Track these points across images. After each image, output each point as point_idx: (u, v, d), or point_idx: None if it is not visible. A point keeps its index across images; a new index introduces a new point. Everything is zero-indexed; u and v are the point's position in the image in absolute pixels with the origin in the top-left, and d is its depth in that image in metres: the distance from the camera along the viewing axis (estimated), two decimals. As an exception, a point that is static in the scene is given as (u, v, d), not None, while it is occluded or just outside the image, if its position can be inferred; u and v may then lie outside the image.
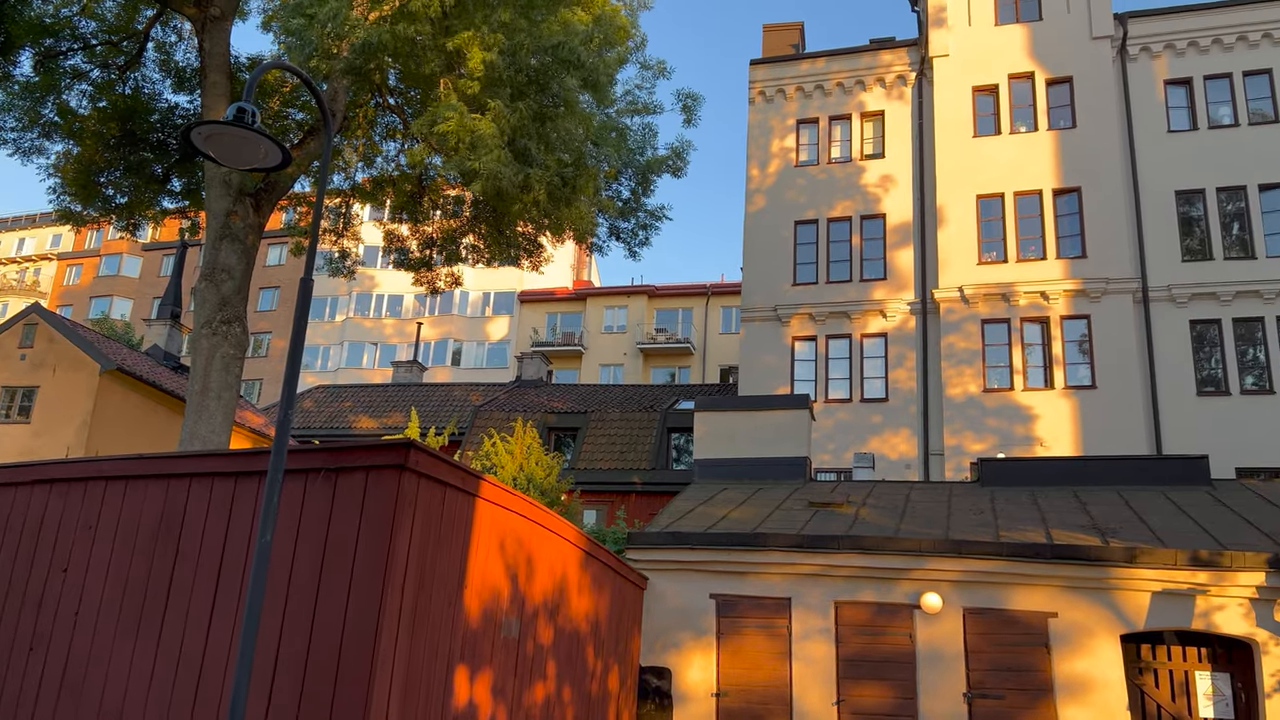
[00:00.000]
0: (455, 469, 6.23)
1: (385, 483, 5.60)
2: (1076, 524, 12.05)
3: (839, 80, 27.64)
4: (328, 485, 5.76)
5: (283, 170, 7.16)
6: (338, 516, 5.65)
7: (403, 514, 5.58)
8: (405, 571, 5.60)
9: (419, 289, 21.00)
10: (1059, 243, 24.19)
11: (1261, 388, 22.40)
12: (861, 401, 25.02)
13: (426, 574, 5.89)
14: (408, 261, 20.18)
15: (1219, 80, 24.77)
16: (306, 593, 5.57)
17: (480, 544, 6.73)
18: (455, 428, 25.40)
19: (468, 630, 6.49)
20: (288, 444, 5.75)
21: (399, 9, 13.21)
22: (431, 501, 5.97)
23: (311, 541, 5.67)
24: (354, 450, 5.80)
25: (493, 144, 13.40)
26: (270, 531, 5.39)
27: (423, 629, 5.83)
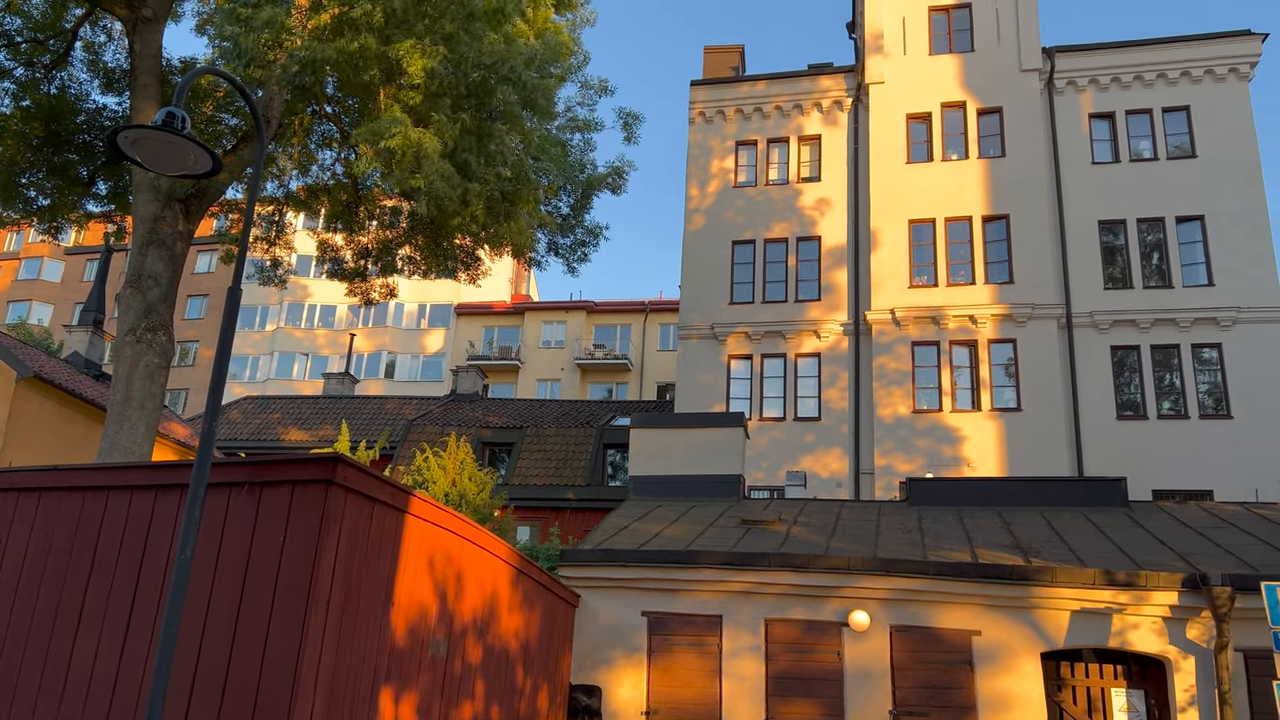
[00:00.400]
0: (384, 484, 6.14)
1: (311, 498, 5.50)
2: (1001, 544, 12.33)
3: (778, 104, 28.06)
4: (252, 500, 5.64)
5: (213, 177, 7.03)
6: (261, 532, 5.53)
7: (329, 530, 5.48)
8: (330, 589, 5.50)
9: (353, 300, 20.70)
10: (987, 268, 24.83)
11: (1177, 412, 23.21)
12: (795, 420, 25.32)
13: (353, 592, 5.79)
14: (342, 272, 19.88)
15: (1140, 115, 25.73)
16: (227, 611, 5.43)
17: (409, 561, 6.64)
18: (387, 441, 25.03)
19: (394, 649, 6.39)
20: (212, 456, 5.61)
21: (339, 17, 13.05)
22: (359, 518, 5.87)
23: (233, 558, 5.54)
24: (280, 464, 5.69)
25: (436, 160, 13.31)
26: (190, 547, 5.26)
27: (348, 648, 5.72)
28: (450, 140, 13.78)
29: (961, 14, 27.07)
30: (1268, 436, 22.22)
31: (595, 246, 20.06)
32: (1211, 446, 22.48)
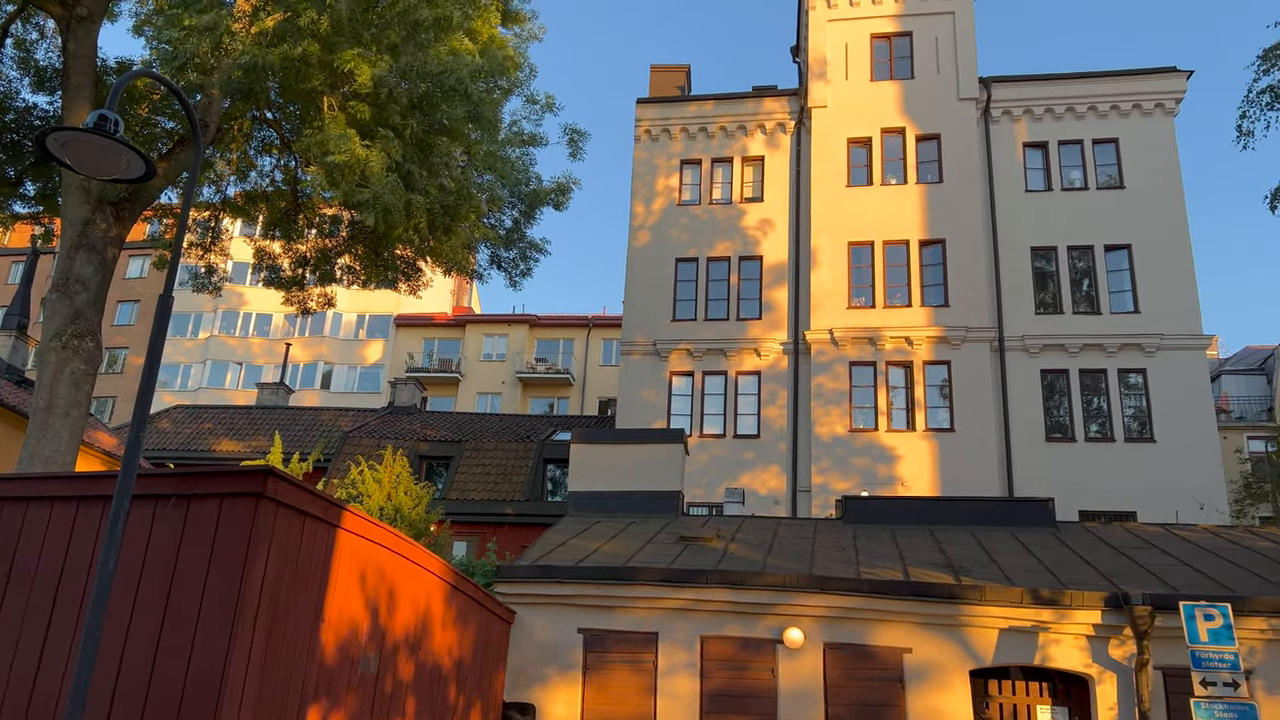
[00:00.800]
0: (317, 498, 6.05)
1: (240, 511, 5.39)
2: (933, 562, 12.53)
3: (723, 124, 28.35)
4: (178, 512, 5.50)
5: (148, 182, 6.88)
6: (188, 546, 5.40)
7: (258, 545, 5.37)
8: (258, 605, 5.39)
9: (289, 309, 20.36)
10: (924, 291, 25.33)
11: (1104, 435, 23.88)
12: (735, 437, 25.50)
13: (281, 608, 5.68)
14: (279, 280, 19.54)
15: (1071, 146, 26.54)
16: (149, 627, 5.29)
17: (340, 577, 6.53)
18: (321, 454, 24.61)
19: (324, 667, 6.27)
20: (138, 467, 5.47)
21: (284, 23, 12.89)
22: (290, 532, 5.77)
23: (158, 572, 5.40)
24: (208, 476, 5.57)
25: (382, 174, 13.19)
26: (113, 561, 5.11)
27: (275, 665, 5.60)
28: (395, 154, 13.68)
29: (902, 42, 27.69)
30: (1188, 460, 22.97)
31: (538, 260, 20.02)
32: (1136, 469, 23.17)
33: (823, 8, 28.18)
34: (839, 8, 28.11)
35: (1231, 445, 38.04)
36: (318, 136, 13.30)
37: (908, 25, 27.66)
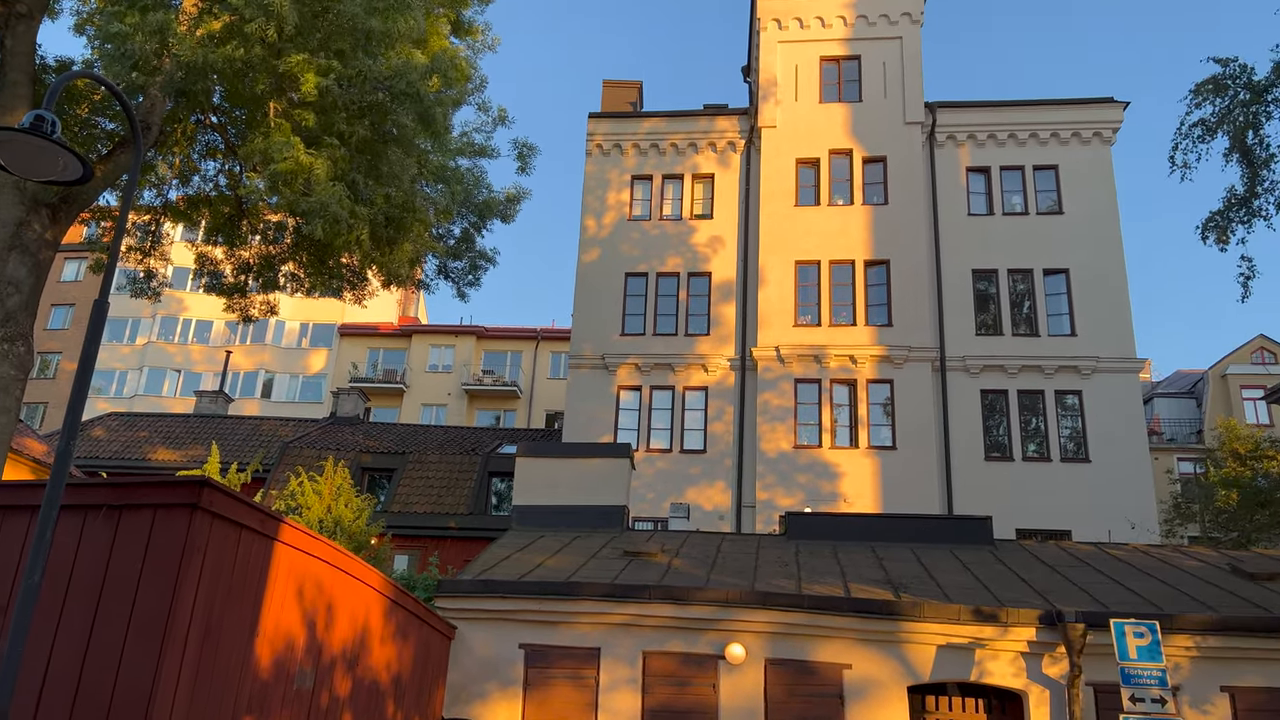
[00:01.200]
0: (254, 510, 5.94)
1: (174, 523, 5.27)
2: (873, 579, 12.68)
3: (674, 141, 28.54)
4: (109, 524, 5.37)
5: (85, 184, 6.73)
6: (118, 558, 5.26)
7: (191, 558, 5.26)
8: (190, 620, 5.27)
9: (230, 316, 19.97)
10: (868, 310, 25.69)
11: (1041, 455, 24.39)
12: (681, 452, 25.57)
13: (215, 622, 5.56)
14: (220, 286, 19.15)
15: (1013, 171, 27.19)
16: (76, 642, 5.14)
17: (277, 590, 6.42)
18: (260, 464, 24.13)
19: (257, 682, 6.15)
20: (68, 476, 5.33)
21: (230, 26, 12.70)
22: (225, 544, 5.65)
23: (86, 584, 5.25)
24: (142, 487, 5.44)
25: (325, 184, 13.01)
26: (39, 573, 4.96)
27: (207, 681, 5.48)
28: (341, 162, 13.52)
29: (851, 65, 28.15)
30: (1121, 481, 23.56)
31: (487, 270, 19.90)
32: (1071, 488, 23.69)
33: (774, 29, 28.56)
34: (790, 30, 28.51)
35: (1163, 466, 39.09)
36: (261, 143, 13.10)
37: (856, 49, 28.14)
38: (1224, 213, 13.67)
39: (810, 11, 28.46)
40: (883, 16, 28.11)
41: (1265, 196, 13.46)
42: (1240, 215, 13.57)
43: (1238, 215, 13.60)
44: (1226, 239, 13.70)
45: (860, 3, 28.36)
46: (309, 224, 13.35)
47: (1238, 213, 13.59)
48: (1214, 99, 13.36)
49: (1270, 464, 28.14)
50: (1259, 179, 13.39)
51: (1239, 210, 13.58)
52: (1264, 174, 13.38)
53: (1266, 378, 43.10)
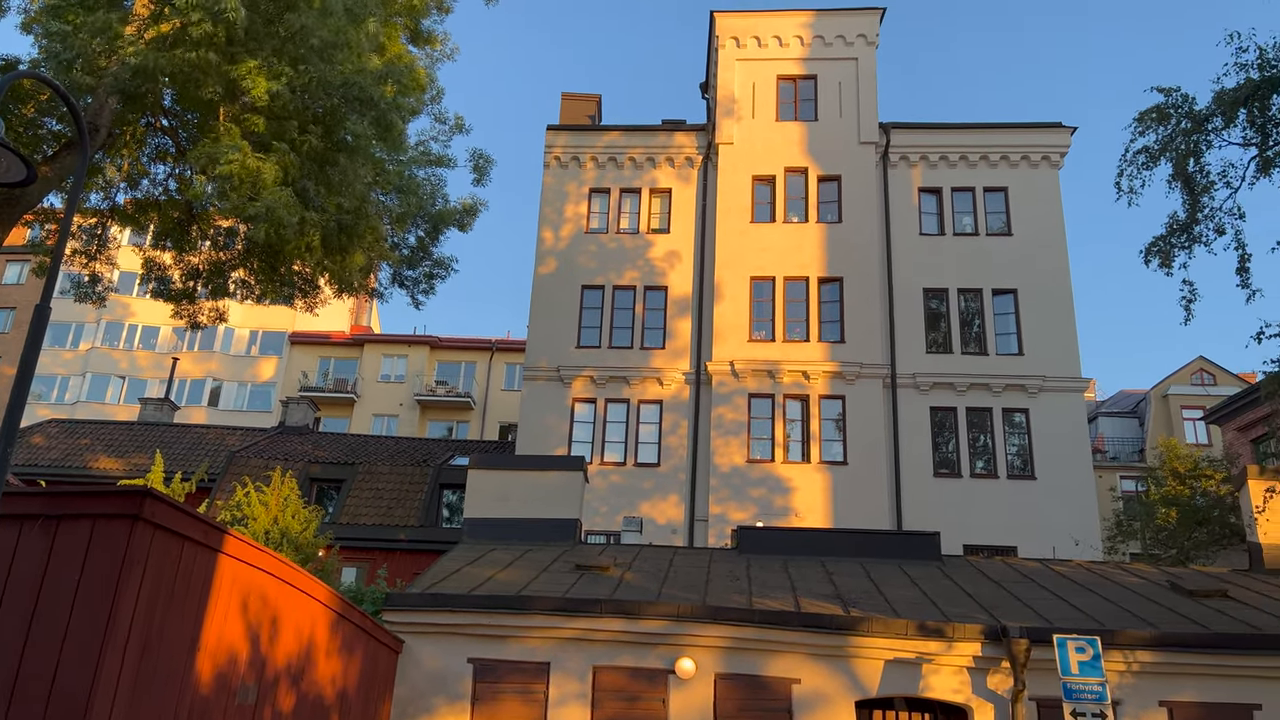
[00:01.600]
0: (197, 521, 5.82)
1: (114, 535, 5.15)
2: (823, 593, 12.76)
3: (632, 155, 28.64)
4: (46, 535, 5.22)
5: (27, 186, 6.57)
6: (55, 571, 5.12)
7: (131, 570, 5.14)
8: (129, 633, 5.14)
9: (178, 322, 19.62)
10: (821, 327, 25.95)
11: (988, 472, 24.76)
12: (635, 465, 25.56)
13: (155, 636, 5.43)
14: (168, 292, 18.83)
15: (964, 193, 27.67)
16: (9, 656, 4.99)
17: (220, 603, 6.29)
18: (205, 474, 23.68)
19: (197, 696, 6.02)
20: (4, 485, 5.18)
21: (179, 29, 12.52)
22: (167, 556, 5.54)
23: (19, 598, 5.11)
24: (81, 496, 5.31)
25: (275, 189, 12.85)
26: (-30, 585, 4.82)
27: (145, 693, 5.35)
28: (292, 168, 13.37)
29: (807, 85, 28.49)
30: (1065, 498, 23.99)
31: (443, 278, 19.79)
32: (1017, 505, 24.07)
33: (732, 47, 28.83)
34: (748, 48, 28.80)
35: (1106, 484, 39.93)
36: (209, 148, 12.91)
37: (813, 69, 28.49)
38: (1166, 238, 14.00)
39: (768, 31, 28.79)
40: (839, 37, 28.52)
41: (1206, 223, 13.82)
42: (1182, 241, 13.91)
43: (1179, 241, 13.93)
44: (1169, 263, 14.03)
45: (817, 23, 28.75)
46: (254, 230, 13.17)
47: (1179, 238, 13.93)
48: (1157, 127, 13.71)
49: (1208, 483, 28.87)
50: (1200, 206, 13.74)
51: (1181, 236, 13.91)
52: (1204, 201, 13.74)
53: (1206, 398, 44.23)
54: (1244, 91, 12.73)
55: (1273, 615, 11.72)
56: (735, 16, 29.01)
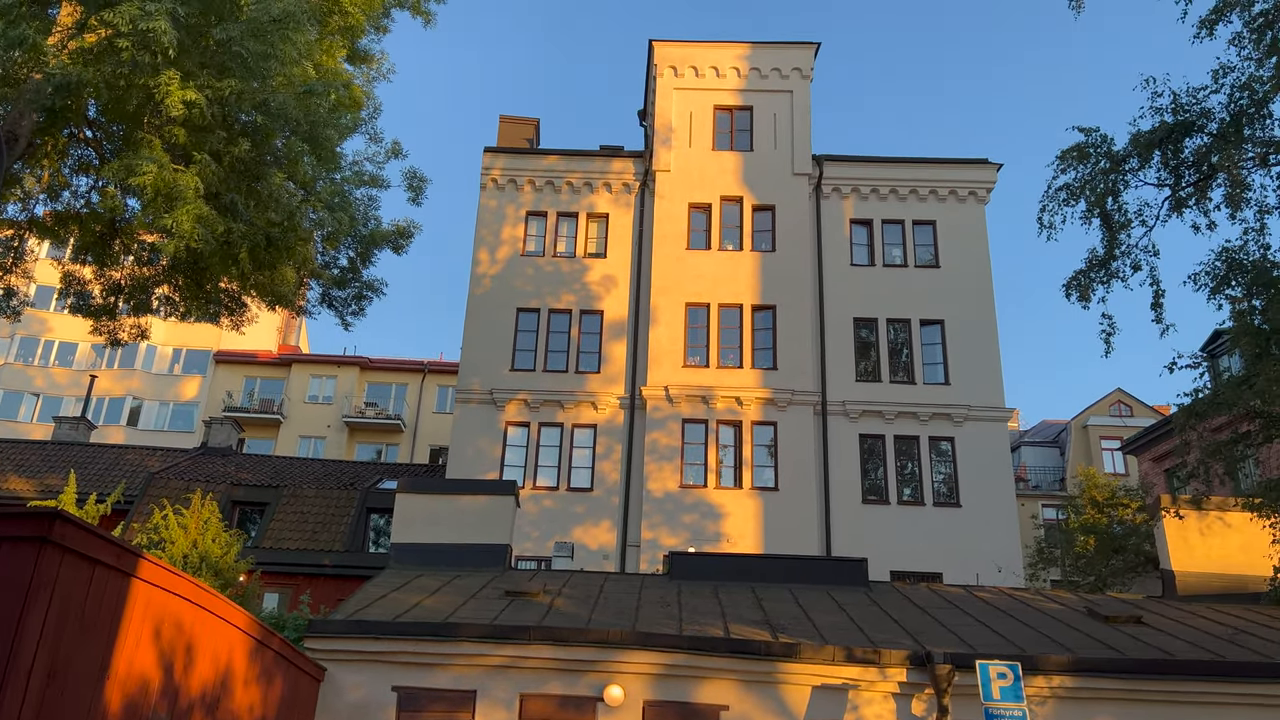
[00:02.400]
0: (110, 544, 5.62)
1: (20, 558, 4.94)
2: (752, 619, 12.80)
3: (570, 180, 28.70)
4: (-54, 558, 4.99)
5: (-63, 194, 6.34)
6: (-46, 595, 4.89)
7: (38, 595, 4.93)
8: (34, 660, 4.93)
9: (97, 339, 19.04)
10: (754, 354, 26.22)
11: (915, 499, 25.19)
12: (568, 490, 25.43)
13: (61, 663, 5.21)
14: (87, 308, 18.28)
15: (894, 225, 28.30)
16: (-100, 685, 4.74)
17: (132, 629, 6.07)
18: (122, 495, 22.90)
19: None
20: (-101, 508, 4.94)
21: (105, 41, 12.21)
22: (76, 581, 5.33)
23: (-85, 624, 4.86)
24: (-15, 519, 5.09)
25: (192, 200, 12.54)
26: None
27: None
28: (215, 181, 13.09)
29: (743, 115, 28.94)
30: (989, 525, 24.51)
31: (372, 301, 19.54)
32: (943, 532, 24.51)
33: (670, 76, 29.16)
34: (685, 77, 29.16)
35: (1028, 512, 40.93)
36: (127, 159, 12.58)
37: (749, 100, 28.96)
38: (1086, 273, 14.46)
39: (706, 62, 29.21)
40: (775, 70, 29.05)
41: (1123, 259, 14.31)
42: (1100, 276, 14.37)
43: (1098, 276, 14.40)
44: (1088, 297, 14.47)
45: (753, 56, 29.26)
46: (170, 241, 12.82)
47: (1098, 273, 14.39)
48: (1078, 166, 14.20)
49: (1124, 512, 29.74)
50: (1117, 242, 14.23)
51: (1099, 271, 14.38)
52: (1122, 238, 14.24)
53: (1124, 429, 45.68)
54: (1159, 134, 13.27)
55: (1185, 641, 12.09)
56: (674, 46, 29.38)
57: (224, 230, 13.30)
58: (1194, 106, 12.95)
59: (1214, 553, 15.25)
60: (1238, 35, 12.30)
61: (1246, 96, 12.44)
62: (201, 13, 13.06)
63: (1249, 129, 12.53)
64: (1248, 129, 12.54)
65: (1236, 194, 12.10)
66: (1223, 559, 15.20)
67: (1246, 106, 12.46)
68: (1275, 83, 11.87)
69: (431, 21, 19.01)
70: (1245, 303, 12.25)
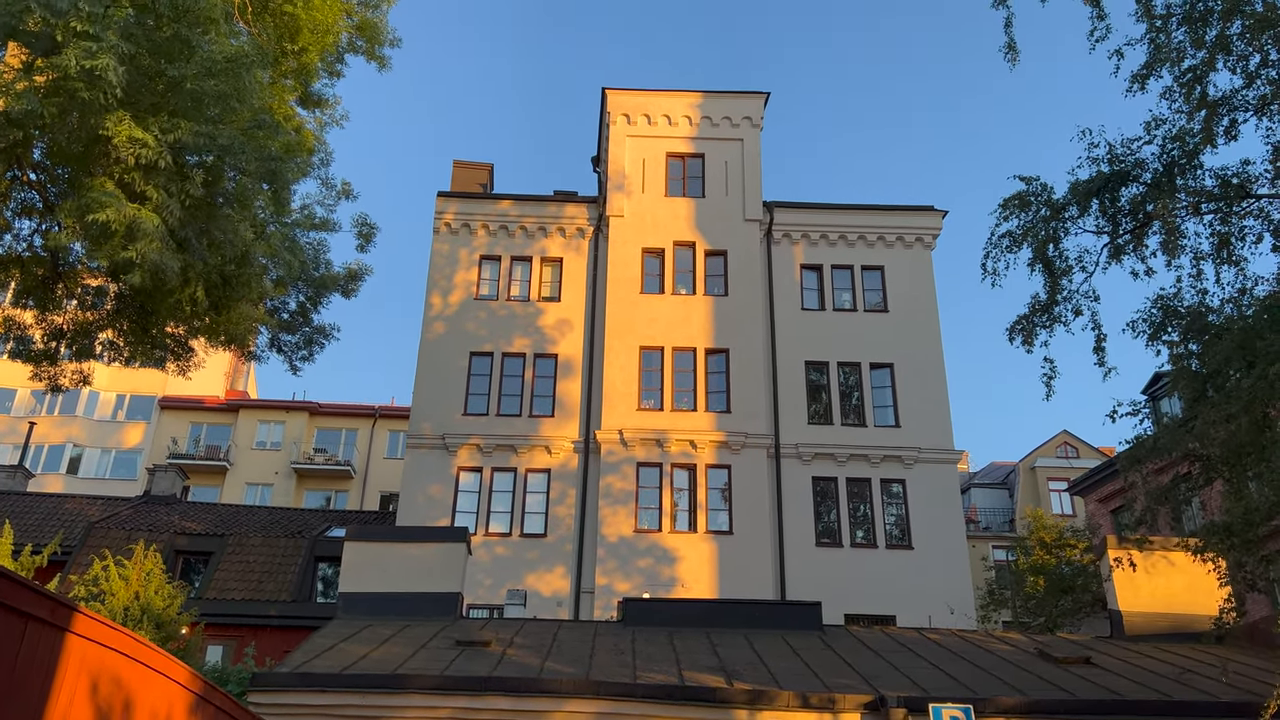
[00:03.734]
0: (43, 598, 5.43)
1: (-52, 614, 4.75)
2: (707, 665, 12.71)
3: (524, 224, 28.80)
4: None
5: None
6: (-124, 654, 4.69)
7: (-34, 652, 4.74)
8: (-41, 722, 4.73)
9: (37, 384, 18.54)
10: (708, 397, 26.34)
11: (868, 542, 25.32)
12: (521, 536, 25.17)
13: (-11, 724, 5.01)
14: (28, 353, 17.82)
15: (843, 270, 28.76)
16: None
17: (66, 686, 5.85)
18: (59, 546, 22.19)
19: (35, 791, 5.54)
20: None
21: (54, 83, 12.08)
22: (7, 636, 5.13)
23: None
24: (-88, 573, 4.90)
25: (155, 234, 12.40)
26: None
27: (-27, 792, 4.90)
28: (171, 217, 12.94)
29: (695, 162, 29.36)
30: (941, 567, 24.68)
31: (322, 347, 19.33)
32: (895, 574, 24.62)
33: (623, 124, 29.52)
34: (638, 125, 29.54)
35: (979, 554, 41.31)
36: (83, 196, 12.40)
37: (700, 148, 29.40)
38: (1029, 317, 14.76)
39: (658, 110, 29.63)
40: (725, 119, 29.56)
41: (1065, 304, 14.63)
42: (1043, 320, 14.67)
43: (1041, 320, 14.70)
44: (1031, 342, 14.76)
45: (705, 105, 29.75)
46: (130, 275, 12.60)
47: (1041, 318, 14.69)
48: (1019, 213, 14.56)
49: (1072, 553, 30.17)
50: (1059, 288, 14.57)
51: (1042, 316, 14.68)
52: (1064, 284, 14.58)
53: (1070, 471, 46.46)
54: (1096, 183, 13.67)
55: (1133, 681, 12.23)
56: (627, 95, 29.78)
57: (182, 266, 13.11)
58: (1129, 157, 13.38)
59: (1159, 592, 15.51)
60: (1168, 89, 12.77)
61: (1178, 147, 12.89)
62: (151, 54, 12.99)
63: (1181, 179, 12.97)
64: (1180, 179, 12.98)
65: (1172, 241, 12.48)
66: (1168, 598, 15.45)
67: (1179, 157, 12.91)
68: (1205, 135, 12.31)
69: (386, 66, 19.08)
70: (1182, 346, 12.59)
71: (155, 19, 13.01)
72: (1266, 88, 11.70)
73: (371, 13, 18.46)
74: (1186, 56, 12.40)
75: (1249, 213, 12.65)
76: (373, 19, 18.45)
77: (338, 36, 17.38)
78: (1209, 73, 12.12)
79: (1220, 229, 12.76)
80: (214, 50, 12.85)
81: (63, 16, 11.89)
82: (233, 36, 13.91)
